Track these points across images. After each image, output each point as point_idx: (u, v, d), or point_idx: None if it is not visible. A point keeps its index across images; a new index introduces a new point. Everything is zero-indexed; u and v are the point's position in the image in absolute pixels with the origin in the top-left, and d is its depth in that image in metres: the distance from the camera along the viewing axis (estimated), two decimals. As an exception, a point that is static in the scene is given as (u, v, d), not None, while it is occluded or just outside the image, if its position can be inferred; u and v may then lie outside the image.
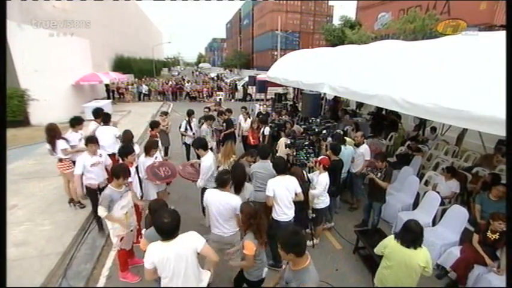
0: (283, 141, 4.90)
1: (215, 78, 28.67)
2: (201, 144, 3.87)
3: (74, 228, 4.19)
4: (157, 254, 2.02)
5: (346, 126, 7.92)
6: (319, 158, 3.75)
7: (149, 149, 4.05)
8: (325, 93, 6.30)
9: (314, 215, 3.92)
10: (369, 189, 4.37)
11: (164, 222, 2.00)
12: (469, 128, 3.16)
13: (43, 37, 10.83)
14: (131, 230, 3.29)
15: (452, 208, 4.00)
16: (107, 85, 16.89)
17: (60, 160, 4.49)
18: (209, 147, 4.12)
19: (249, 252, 2.27)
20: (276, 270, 3.48)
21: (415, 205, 4.83)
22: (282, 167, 3.38)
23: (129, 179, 3.46)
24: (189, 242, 2.12)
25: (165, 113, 6.90)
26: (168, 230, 2.02)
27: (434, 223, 4.25)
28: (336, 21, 32.14)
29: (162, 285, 2.16)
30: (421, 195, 4.93)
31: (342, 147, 4.46)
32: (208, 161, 3.81)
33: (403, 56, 4.77)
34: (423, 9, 16.27)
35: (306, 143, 4.20)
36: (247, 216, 2.38)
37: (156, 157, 4.09)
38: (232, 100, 19.56)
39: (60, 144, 4.37)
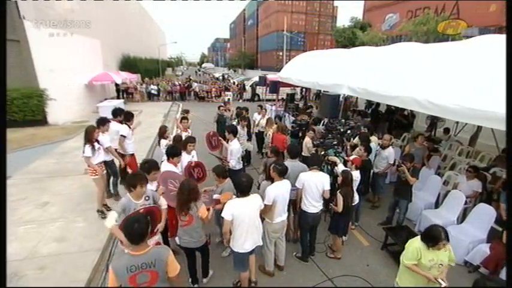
0: (308, 140, 5.05)
1: (220, 78, 28.77)
2: (233, 130, 4.65)
3: (107, 226, 4.30)
4: (236, 206, 2.78)
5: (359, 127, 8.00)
6: (351, 158, 3.86)
7: (185, 144, 4.04)
8: (344, 94, 6.37)
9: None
10: (395, 187, 4.46)
11: (243, 181, 2.83)
12: (495, 128, 3.20)
13: (56, 37, 10.93)
14: None
15: (479, 206, 4.10)
16: (116, 85, 17.03)
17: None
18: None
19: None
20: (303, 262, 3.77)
21: (436, 204, 4.93)
22: (315, 163, 3.58)
23: None
24: (257, 200, 2.96)
25: (187, 111, 6.87)
26: (245, 188, 2.83)
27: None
28: (342, 22, 32.12)
29: (233, 233, 2.84)
30: (441, 194, 5.04)
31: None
32: (236, 145, 4.54)
33: (423, 57, 4.82)
34: (432, 11, 16.31)
35: (335, 142, 4.30)
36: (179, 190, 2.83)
37: (193, 155, 4.13)
38: (240, 100, 19.67)
39: (86, 151, 4.24)
